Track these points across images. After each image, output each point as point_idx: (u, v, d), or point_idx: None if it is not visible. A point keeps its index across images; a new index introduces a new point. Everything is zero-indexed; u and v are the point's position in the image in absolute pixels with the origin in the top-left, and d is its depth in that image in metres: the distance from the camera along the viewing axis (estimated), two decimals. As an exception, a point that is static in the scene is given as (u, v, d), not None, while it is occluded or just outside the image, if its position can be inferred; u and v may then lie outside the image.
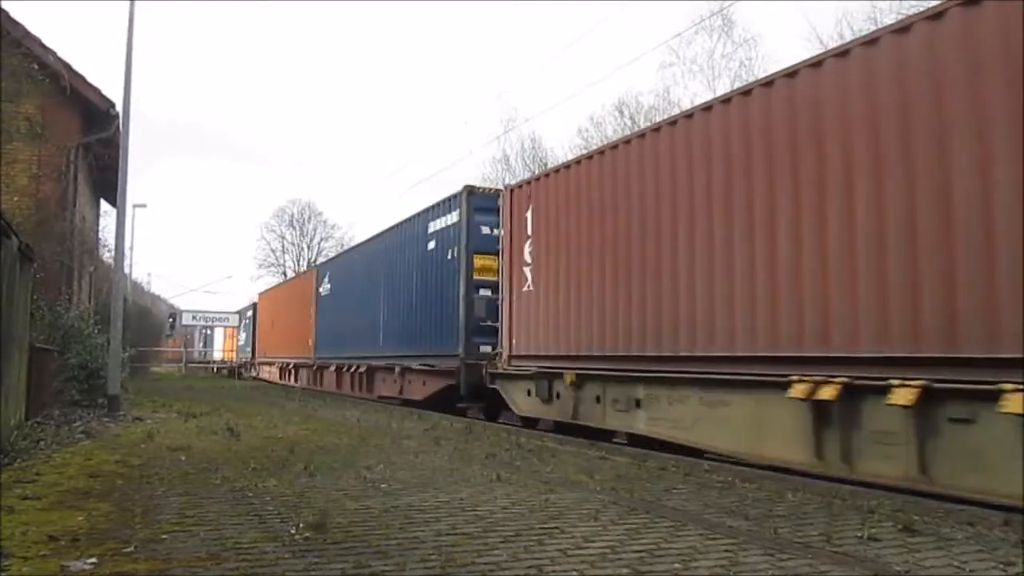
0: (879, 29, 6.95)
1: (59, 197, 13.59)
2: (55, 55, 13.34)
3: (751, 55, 27.56)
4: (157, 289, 61.31)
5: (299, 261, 57.71)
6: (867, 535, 4.31)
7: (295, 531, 4.26)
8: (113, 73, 70.13)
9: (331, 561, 3.68)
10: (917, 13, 6.48)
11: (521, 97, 68.21)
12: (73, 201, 14.03)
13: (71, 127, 13.89)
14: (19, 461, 6.82)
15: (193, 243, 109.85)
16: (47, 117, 13.39)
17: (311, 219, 58.71)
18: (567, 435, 10.00)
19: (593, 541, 4.13)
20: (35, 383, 9.67)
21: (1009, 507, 5.10)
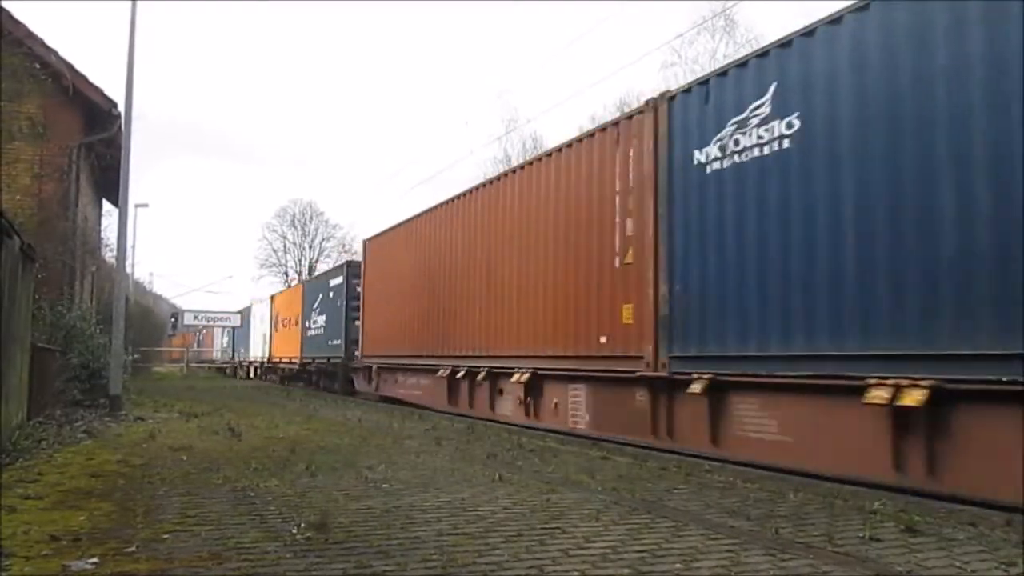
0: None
1: (61, 197, 13.62)
2: (57, 55, 13.38)
3: (753, 55, 27.51)
4: (159, 289, 61.50)
5: (300, 261, 57.84)
6: (869, 535, 4.30)
7: (296, 531, 4.26)
8: (115, 73, 70.38)
9: (332, 561, 3.68)
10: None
11: (522, 97, 68.30)
12: (75, 201, 14.06)
13: (73, 127, 13.92)
14: (21, 461, 6.83)
15: (195, 243, 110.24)
16: (49, 117, 13.42)
17: (313, 219, 58.81)
18: (568, 436, 10.06)
19: (594, 541, 4.13)
20: (37, 383, 9.68)
21: (1011, 508, 5.10)
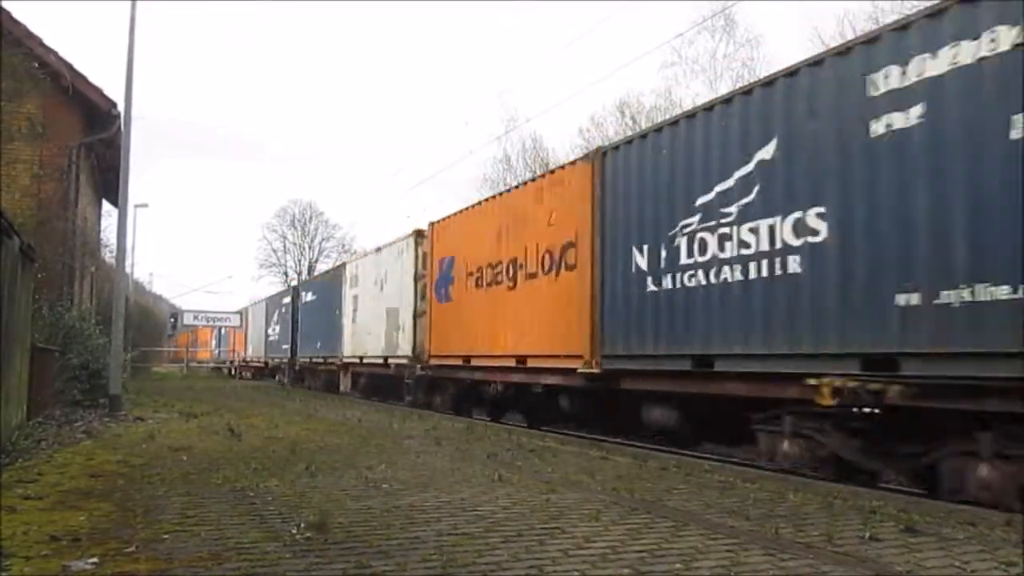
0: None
1: (61, 197, 13.61)
2: (56, 55, 13.36)
3: (753, 55, 27.51)
4: (158, 289, 61.39)
5: (300, 261, 57.82)
6: (868, 535, 4.30)
7: (296, 531, 4.26)
8: (114, 73, 70.33)
9: (332, 561, 3.68)
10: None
11: (522, 97, 68.24)
12: (75, 201, 14.05)
13: (73, 127, 13.91)
14: (20, 461, 6.83)
15: (195, 243, 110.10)
16: (49, 117, 13.41)
17: (312, 219, 58.80)
18: (568, 436, 10.06)
19: (594, 541, 4.13)
20: (36, 383, 9.68)
21: (1011, 508, 5.10)
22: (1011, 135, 5.13)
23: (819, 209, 6.48)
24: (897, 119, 5.89)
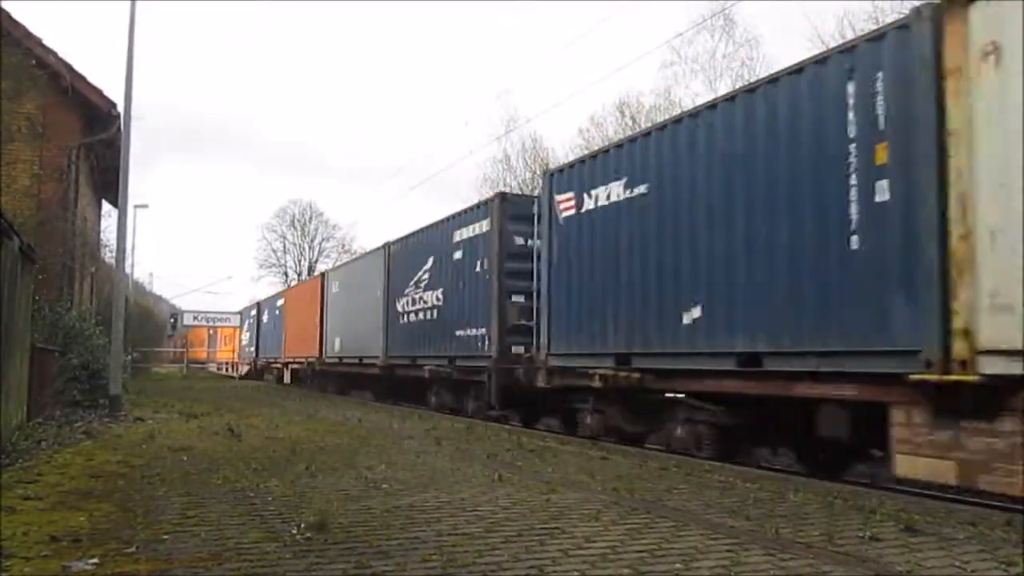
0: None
1: (61, 198, 13.60)
2: (56, 55, 13.36)
3: (752, 55, 27.47)
4: (158, 290, 61.35)
5: (300, 261, 57.79)
6: (869, 535, 4.31)
7: (296, 531, 4.26)
8: (114, 73, 70.29)
9: (332, 561, 3.68)
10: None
11: (522, 97, 68.29)
12: (75, 202, 14.04)
13: (72, 128, 13.90)
14: (21, 461, 6.83)
15: (194, 243, 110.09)
16: (48, 117, 13.40)
17: (312, 219, 58.71)
18: (568, 436, 10.11)
19: (594, 541, 4.13)
20: (36, 384, 9.68)
21: (1011, 508, 5.10)
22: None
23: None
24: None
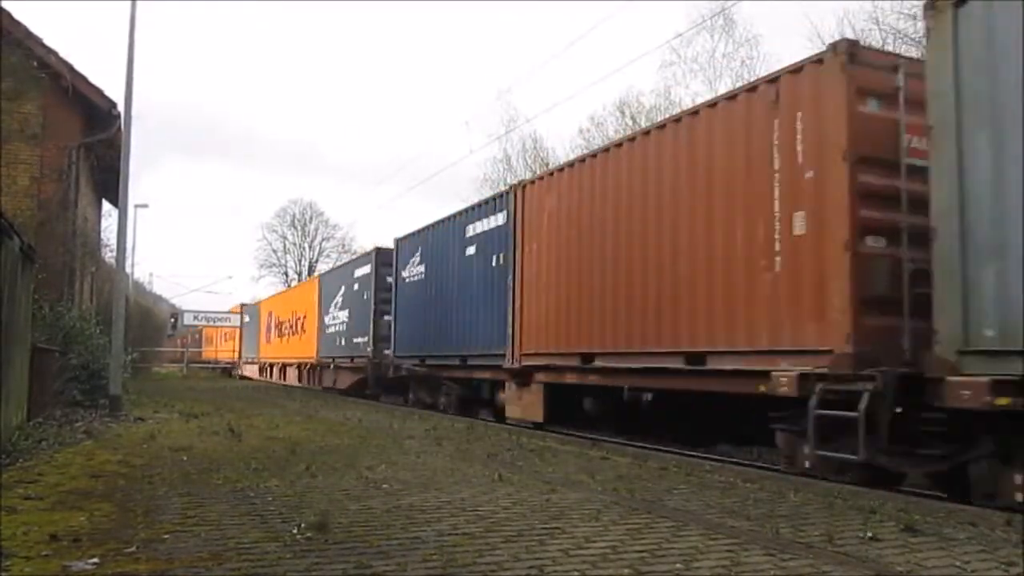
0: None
1: (61, 198, 13.59)
2: (57, 55, 13.35)
3: (752, 55, 27.43)
4: (158, 289, 61.32)
5: (300, 261, 57.81)
6: (869, 535, 4.30)
7: (297, 531, 4.26)
8: (114, 72, 70.34)
9: (332, 561, 3.68)
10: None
11: (522, 97, 68.28)
12: (75, 202, 14.03)
13: (73, 127, 13.89)
14: (21, 461, 6.83)
15: (195, 243, 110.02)
16: (49, 117, 13.39)
17: (313, 219, 58.75)
18: (568, 436, 10.11)
19: (595, 541, 4.13)
20: (37, 383, 9.67)
21: (1011, 507, 5.10)
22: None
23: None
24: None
